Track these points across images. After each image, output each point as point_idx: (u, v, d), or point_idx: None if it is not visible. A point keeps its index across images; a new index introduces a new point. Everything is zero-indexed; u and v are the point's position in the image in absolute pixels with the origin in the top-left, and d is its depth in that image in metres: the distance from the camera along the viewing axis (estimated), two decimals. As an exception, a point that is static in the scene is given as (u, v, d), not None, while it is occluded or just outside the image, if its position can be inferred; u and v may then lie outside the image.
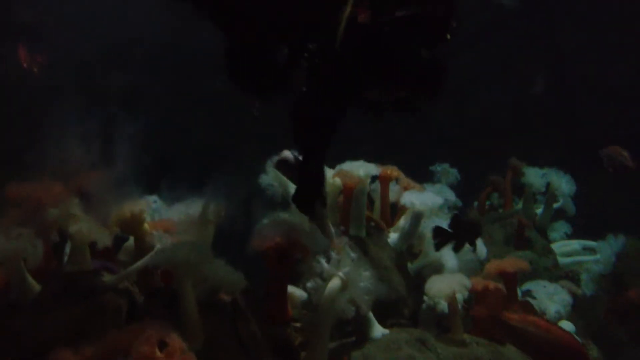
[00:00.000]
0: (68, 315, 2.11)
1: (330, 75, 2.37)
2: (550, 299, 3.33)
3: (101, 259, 2.47)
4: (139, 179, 2.91)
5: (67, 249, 2.39)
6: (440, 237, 2.88)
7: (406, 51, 2.27)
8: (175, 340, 1.54)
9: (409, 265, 3.31)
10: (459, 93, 6.19)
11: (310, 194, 2.65)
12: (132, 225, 2.46)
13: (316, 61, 2.37)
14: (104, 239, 2.33)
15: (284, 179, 3.15)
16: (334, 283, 2.50)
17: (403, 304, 3.10)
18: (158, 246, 2.35)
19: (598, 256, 4.38)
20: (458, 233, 2.85)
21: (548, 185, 4.60)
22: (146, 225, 2.54)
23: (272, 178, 3.32)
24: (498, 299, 2.95)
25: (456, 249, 2.89)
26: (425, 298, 2.91)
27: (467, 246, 3.33)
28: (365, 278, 2.53)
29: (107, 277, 2.31)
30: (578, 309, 3.81)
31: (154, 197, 3.05)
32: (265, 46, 2.47)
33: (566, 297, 3.34)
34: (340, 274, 2.51)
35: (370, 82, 2.41)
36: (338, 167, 3.22)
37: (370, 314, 2.74)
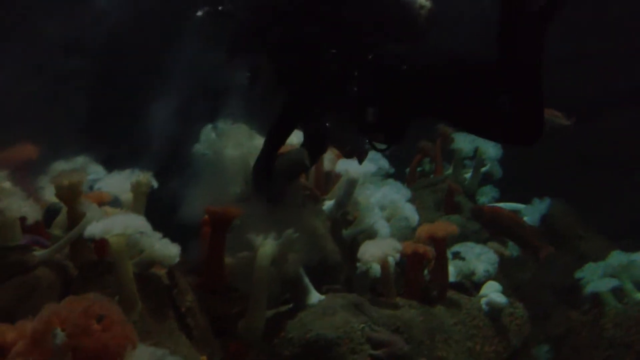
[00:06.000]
0: (1, 292, 2.07)
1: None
2: (478, 259, 3.46)
3: (32, 234, 2.42)
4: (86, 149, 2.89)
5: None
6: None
7: None
8: (114, 312, 1.54)
9: (344, 232, 3.37)
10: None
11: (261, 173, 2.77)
12: (69, 195, 2.40)
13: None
14: (34, 213, 2.28)
15: (217, 147, 3.12)
16: (265, 250, 2.53)
17: (338, 270, 3.17)
18: (89, 217, 2.31)
19: (526, 218, 4.55)
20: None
21: (476, 150, 4.73)
22: (82, 197, 2.48)
23: (205, 147, 3.30)
24: (428, 260, 3.06)
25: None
26: (358, 264, 2.97)
27: (399, 212, 3.44)
28: (297, 244, 2.59)
29: (38, 252, 2.26)
30: (505, 270, 3.97)
31: (98, 167, 3.00)
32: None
33: (493, 256, 3.47)
34: (271, 241, 2.56)
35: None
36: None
37: (307, 281, 2.80)
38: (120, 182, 2.80)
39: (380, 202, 3.42)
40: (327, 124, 2.79)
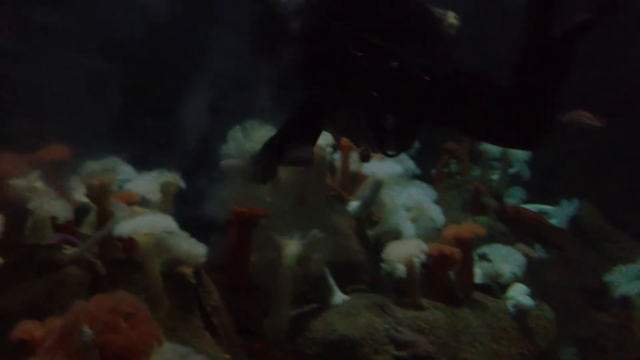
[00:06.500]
0: (30, 289, 2.12)
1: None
2: (505, 260, 3.42)
3: (63, 232, 2.47)
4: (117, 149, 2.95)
5: (29, 223, 2.38)
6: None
7: None
8: (140, 310, 1.57)
9: (369, 232, 3.37)
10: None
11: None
12: (99, 195, 2.45)
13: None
14: (66, 213, 2.32)
15: (245, 149, 3.16)
16: (290, 250, 2.56)
17: (363, 270, 3.17)
18: (118, 216, 2.35)
19: (553, 220, 4.51)
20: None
21: (504, 151, 4.69)
22: (111, 197, 2.53)
23: (232, 148, 3.33)
24: (454, 262, 3.05)
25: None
26: (382, 265, 2.98)
27: (425, 213, 3.43)
28: (322, 244, 2.61)
29: (68, 250, 2.31)
30: (532, 271, 3.93)
31: (127, 168, 3.05)
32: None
33: (520, 258, 3.43)
34: (296, 240, 2.58)
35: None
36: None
37: (331, 281, 2.81)
38: (149, 183, 2.84)
39: (406, 203, 3.42)
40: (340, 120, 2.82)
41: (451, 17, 2.70)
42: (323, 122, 2.81)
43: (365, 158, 2.91)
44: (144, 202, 2.83)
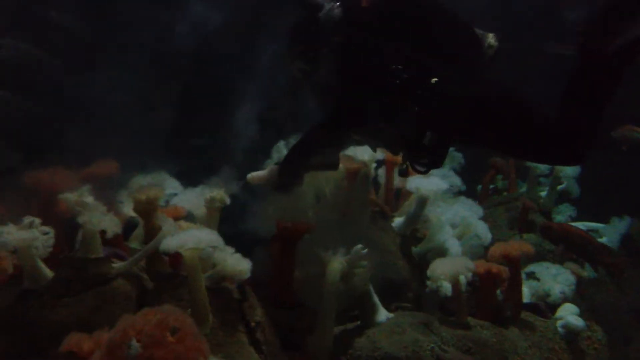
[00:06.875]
0: (80, 302, 2.16)
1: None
2: (554, 279, 3.35)
3: (111, 246, 2.52)
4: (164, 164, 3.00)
5: (79, 237, 2.43)
6: None
7: None
8: (187, 325, 1.57)
9: (413, 249, 3.34)
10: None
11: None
12: (146, 210, 2.50)
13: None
14: (114, 227, 2.36)
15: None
16: (335, 266, 2.54)
17: (407, 287, 3.14)
18: (165, 231, 2.38)
19: (604, 238, 4.39)
20: None
21: (552, 167, 4.60)
22: (159, 211, 2.57)
23: (276, 161, 3.35)
24: (501, 280, 3.00)
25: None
26: (428, 282, 2.94)
27: (471, 230, 3.38)
28: (366, 260, 2.59)
29: (117, 264, 2.35)
30: (582, 291, 3.84)
31: (174, 182, 3.09)
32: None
33: (570, 278, 3.36)
34: (340, 256, 2.57)
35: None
36: (342, 152, 3.23)
37: (375, 298, 2.79)
38: (195, 198, 2.87)
39: (452, 219, 3.39)
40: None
41: (491, 38, 2.72)
42: (351, 131, 2.81)
43: (403, 173, 2.88)
44: (190, 217, 2.86)
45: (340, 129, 2.76)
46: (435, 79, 2.53)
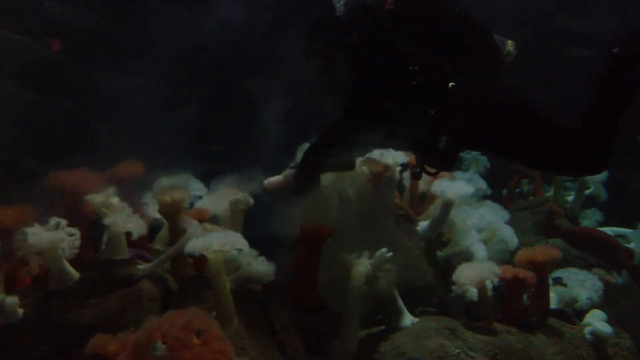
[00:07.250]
0: (105, 303, 2.17)
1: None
2: (582, 285, 3.30)
3: (136, 248, 2.53)
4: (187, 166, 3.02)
5: (104, 238, 2.44)
6: None
7: None
8: (212, 327, 1.57)
9: (438, 253, 3.31)
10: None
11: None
12: (171, 212, 2.50)
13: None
14: (139, 229, 2.37)
15: None
16: (359, 269, 2.53)
17: (432, 292, 3.11)
18: (190, 233, 2.39)
19: (632, 244, 4.31)
20: None
21: (577, 172, 4.52)
22: (183, 213, 2.57)
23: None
24: (528, 286, 2.95)
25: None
26: (453, 287, 2.91)
27: (497, 235, 3.34)
28: (390, 264, 2.57)
29: (142, 266, 2.36)
30: (610, 297, 3.77)
31: (199, 184, 3.10)
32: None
33: (597, 284, 3.30)
34: (365, 260, 2.55)
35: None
36: (366, 155, 3.20)
37: (400, 302, 2.76)
38: (219, 200, 2.87)
39: (477, 224, 3.35)
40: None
41: (510, 45, 2.71)
42: (365, 130, 2.80)
43: (417, 175, 2.85)
44: (214, 219, 2.86)
45: (354, 128, 2.74)
46: (453, 84, 2.52)
